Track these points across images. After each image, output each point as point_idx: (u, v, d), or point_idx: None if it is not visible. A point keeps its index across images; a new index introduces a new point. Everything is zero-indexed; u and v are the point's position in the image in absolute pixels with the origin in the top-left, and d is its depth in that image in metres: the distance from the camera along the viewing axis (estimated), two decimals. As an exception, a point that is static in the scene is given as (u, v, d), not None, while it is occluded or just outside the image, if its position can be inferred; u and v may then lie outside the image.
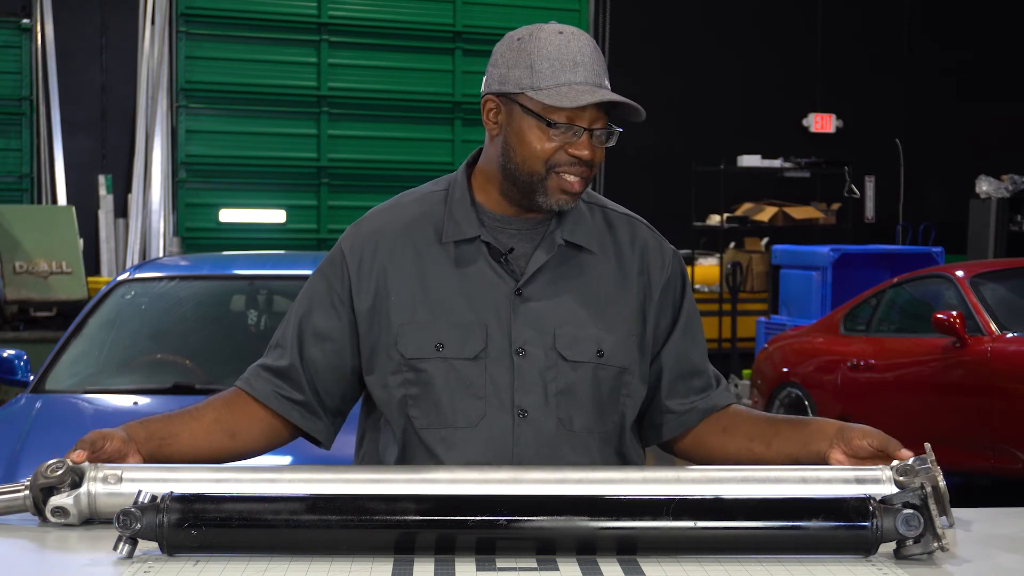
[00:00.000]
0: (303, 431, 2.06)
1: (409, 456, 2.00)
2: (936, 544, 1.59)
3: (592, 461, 1.99)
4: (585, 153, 1.94)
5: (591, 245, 2.04)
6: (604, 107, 1.96)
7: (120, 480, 1.75)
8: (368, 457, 2.09)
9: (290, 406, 2.03)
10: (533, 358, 1.97)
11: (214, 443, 1.98)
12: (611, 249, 2.07)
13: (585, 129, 1.94)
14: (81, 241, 10.62)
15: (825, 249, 10.35)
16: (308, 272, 5.07)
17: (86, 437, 1.82)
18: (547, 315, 1.99)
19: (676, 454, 2.15)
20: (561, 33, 1.96)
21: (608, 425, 2.02)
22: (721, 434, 2.07)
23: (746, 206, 14.30)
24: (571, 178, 1.95)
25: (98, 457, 1.80)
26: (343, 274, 2.05)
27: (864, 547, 1.60)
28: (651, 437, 2.14)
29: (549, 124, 1.93)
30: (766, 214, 14.08)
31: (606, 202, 2.14)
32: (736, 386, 10.14)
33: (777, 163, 14.21)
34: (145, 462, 1.87)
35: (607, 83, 1.97)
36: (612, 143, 1.98)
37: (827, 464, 1.89)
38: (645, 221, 2.15)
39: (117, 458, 1.83)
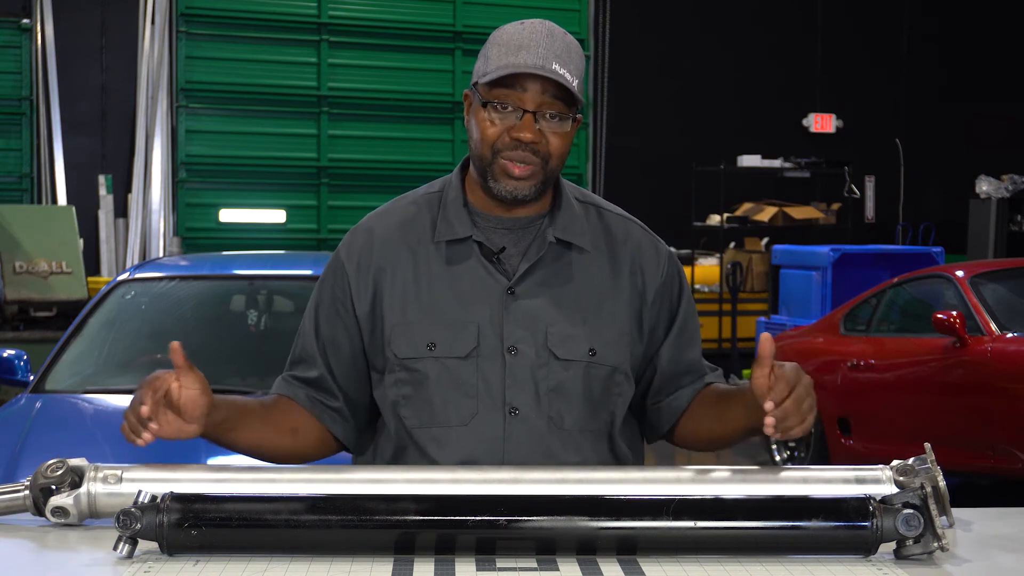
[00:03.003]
0: (335, 438, 2.07)
1: (402, 455, 2.01)
2: (936, 544, 1.59)
3: (584, 459, 2.00)
4: (524, 135, 1.92)
5: (583, 243, 2.04)
6: (560, 95, 1.94)
7: (120, 480, 1.75)
8: (366, 457, 2.11)
9: (323, 410, 2.05)
10: (525, 357, 1.98)
11: (277, 437, 2.00)
12: (604, 248, 2.07)
13: (526, 111, 1.93)
14: (81, 241, 10.61)
15: (825, 249, 10.35)
16: (308, 272, 5.09)
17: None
18: (539, 314, 1.99)
19: (675, 444, 2.15)
20: (523, 24, 1.97)
21: (600, 423, 2.02)
22: (692, 424, 2.09)
23: (746, 206, 14.30)
24: (513, 162, 1.94)
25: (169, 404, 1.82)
26: (343, 282, 2.06)
27: (864, 547, 1.60)
28: (648, 434, 2.15)
29: (484, 104, 1.94)
30: (766, 214, 14.08)
31: (601, 202, 2.14)
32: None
33: (777, 163, 14.20)
34: (203, 436, 1.89)
35: (557, 67, 1.92)
36: (565, 129, 1.95)
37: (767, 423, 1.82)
38: (640, 222, 2.15)
39: (190, 411, 1.83)
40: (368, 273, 2.04)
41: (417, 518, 1.59)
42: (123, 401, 4.32)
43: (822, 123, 15.73)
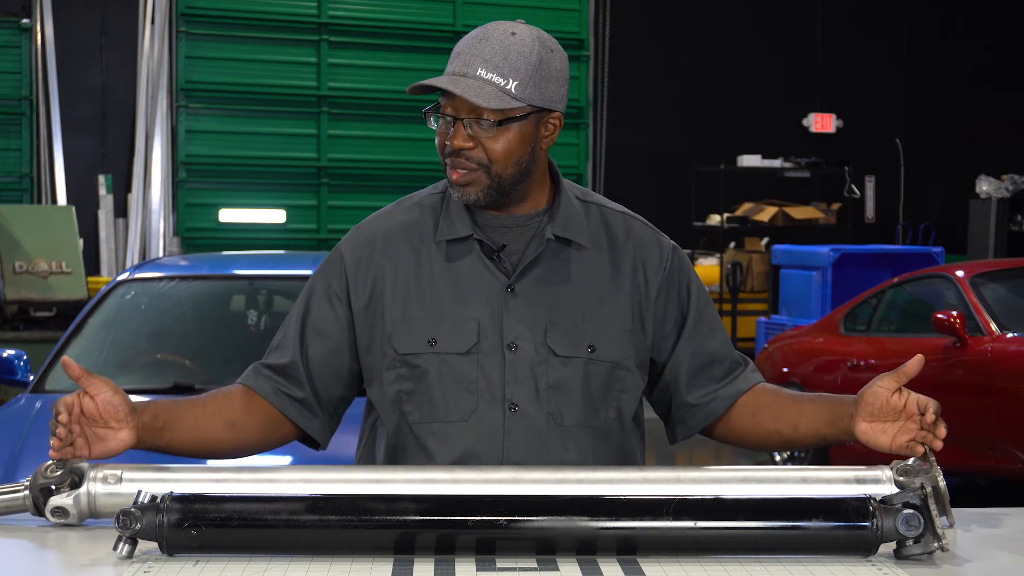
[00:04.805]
0: (300, 431, 2.07)
1: (400, 450, 2.02)
2: (936, 544, 1.59)
3: (584, 456, 2.00)
4: (453, 142, 1.94)
5: (582, 240, 2.05)
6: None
7: (120, 480, 1.75)
8: (365, 455, 2.11)
9: (288, 402, 2.04)
10: (524, 353, 1.98)
11: (214, 432, 1.98)
12: (604, 244, 2.07)
13: (456, 119, 1.94)
14: (81, 241, 10.62)
15: (825, 249, 10.35)
16: (308, 272, 5.09)
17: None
18: (539, 310, 2.00)
19: (714, 439, 2.14)
20: (482, 28, 1.98)
21: (602, 420, 2.02)
22: (750, 418, 2.08)
23: (746, 206, 14.30)
24: (450, 170, 1.98)
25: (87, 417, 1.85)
26: (341, 274, 2.06)
27: (864, 547, 1.60)
28: (681, 432, 2.14)
29: (434, 112, 1.98)
30: (766, 214, 14.08)
31: (603, 200, 2.14)
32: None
33: (777, 163, 14.21)
34: (139, 444, 1.89)
35: (483, 72, 1.92)
36: (489, 134, 1.94)
37: (858, 437, 1.91)
38: (643, 219, 2.15)
39: (109, 419, 1.87)
40: (368, 272, 2.04)
41: (417, 518, 1.59)
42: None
43: (822, 123, 15.73)
